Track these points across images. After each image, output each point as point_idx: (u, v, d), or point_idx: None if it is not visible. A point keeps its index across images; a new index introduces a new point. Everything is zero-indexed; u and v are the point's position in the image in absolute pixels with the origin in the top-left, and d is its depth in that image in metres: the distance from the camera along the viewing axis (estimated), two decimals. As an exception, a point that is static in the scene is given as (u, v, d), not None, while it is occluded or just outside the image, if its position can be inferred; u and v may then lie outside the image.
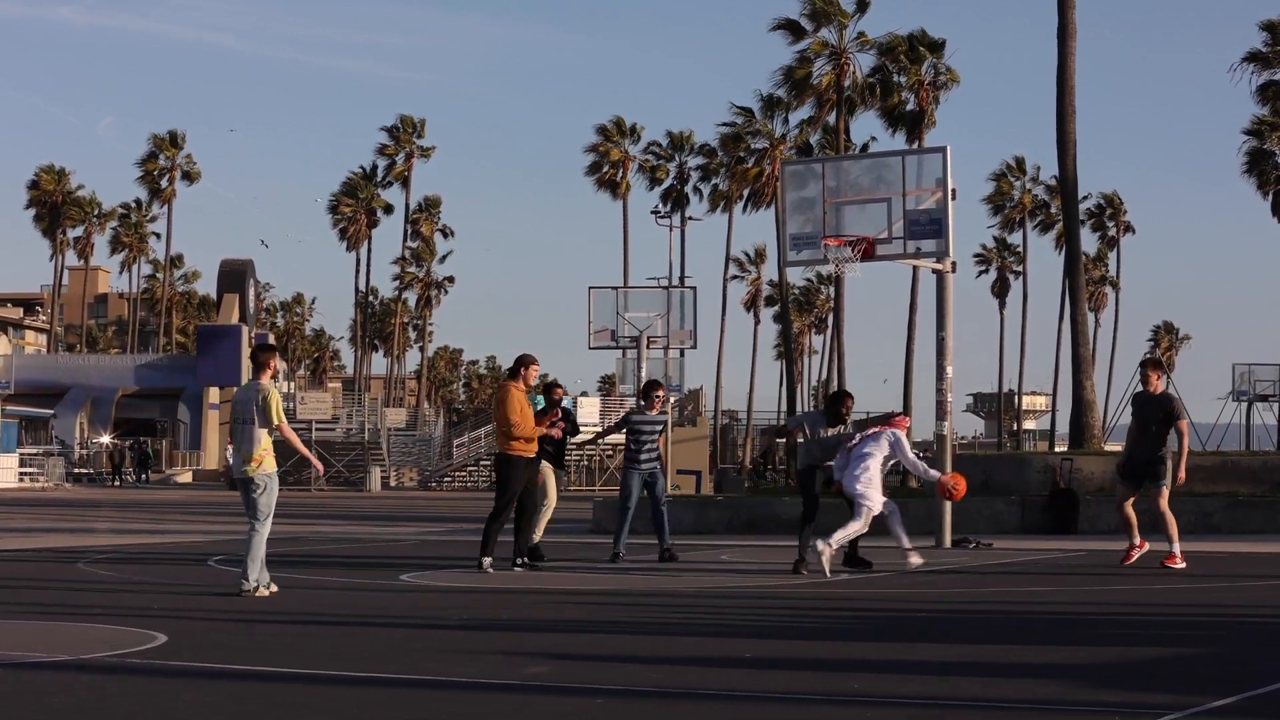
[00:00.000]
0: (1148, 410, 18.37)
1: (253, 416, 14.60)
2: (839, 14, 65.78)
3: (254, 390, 14.77)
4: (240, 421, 14.71)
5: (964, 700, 8.41)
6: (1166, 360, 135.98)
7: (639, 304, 40.40)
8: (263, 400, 14.61)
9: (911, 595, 15.34)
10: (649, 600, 14.73)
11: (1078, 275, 39.13)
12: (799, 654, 10.64)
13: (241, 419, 14.70)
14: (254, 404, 14.63)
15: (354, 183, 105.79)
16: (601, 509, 28.80)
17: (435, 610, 13.63)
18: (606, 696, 8.68)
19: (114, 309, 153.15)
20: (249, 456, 14.61)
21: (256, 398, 14.65)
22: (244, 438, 14.67)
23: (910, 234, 22.91)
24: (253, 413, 14.61)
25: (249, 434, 14.62)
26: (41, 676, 9.42)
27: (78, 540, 25.30)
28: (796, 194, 24.33)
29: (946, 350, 23.34)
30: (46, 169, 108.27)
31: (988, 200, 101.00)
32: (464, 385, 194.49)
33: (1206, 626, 12.54)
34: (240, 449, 14.71)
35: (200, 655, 10.31)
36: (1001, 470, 29.72)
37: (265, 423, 14.61)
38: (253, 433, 14.61)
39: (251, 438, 14.61)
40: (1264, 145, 75.39)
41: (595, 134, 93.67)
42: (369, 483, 67.93)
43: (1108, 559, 19.58)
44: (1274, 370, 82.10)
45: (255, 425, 14.60)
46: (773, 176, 72.71)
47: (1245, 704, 8.28)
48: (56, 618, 13.02)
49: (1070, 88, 37.27)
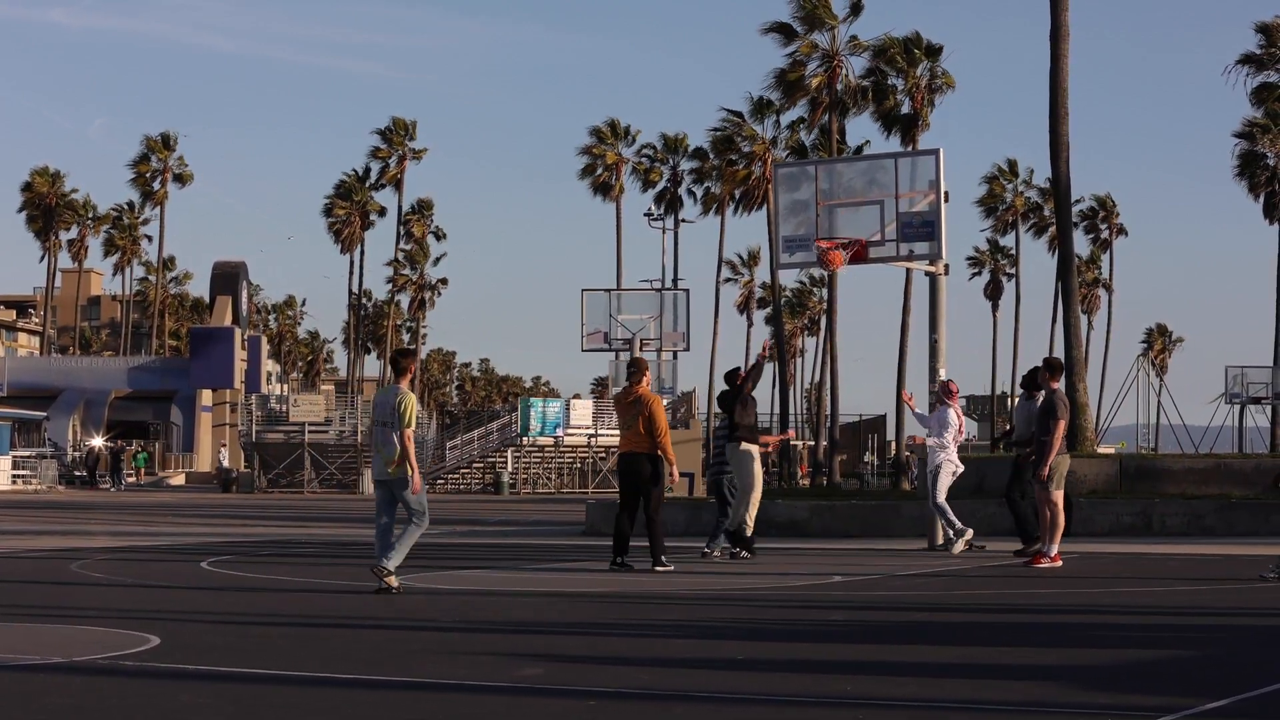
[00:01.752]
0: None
1: (393, 420, 15.02)
2: (830, 17, 65.83)
3: (393, 394, 15.19)
4: (381, 424, 15.18)
5: (957, 702, 8.40)
6: (1160, 363, 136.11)
7: (632, 306, 40.43)
8: (401, 404, 15.01)
9: (904, 598, 15.34)
10: (642, 602, 14.72)
11: (1070, 278, 39.14)
12: (791, 656, 10.64)
13: (382, 422, 15.16)
14: (393, 407, 15.07)
15: (348, 185, 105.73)
16: (595, 511, 28.80)
17: (428, 612, 13.62)
18: (598, 698, 8.68)
19: (107, 311, 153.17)
20: (389, 459, 15.05)
21: (395, 401, 15.07)
22: (384, 440, 15.12)
23: (903, 236, 22.92)
24: (393, 416, 15.03)
25: (388, 437, 15.08)
26: (35, 679, 9.41)
27: (71, 542, 25.26)
28: (789, 196, 24.33)
29: (939, 352, 23.35)
30: (40, 171, 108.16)
31: (980, 203, 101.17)
32: (457, 387, 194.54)
33: (1200, 629, 12.55)
34: (381, 451, 15.17)
35: (194, 657, 10.30)
36: (995, 473, 29.67)
37: (399, 425, 15.00)
38: (393, 435, 15.05)
39: (392, 440, 15.05)
40: (1256, 147, 75.52)
41: (589, 136, 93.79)
42: (362, 485, 67.90)
43: (1101, 561, 19.61)
44: (1266, 373, 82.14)
45: (394, 428, 15.03)
46: (765, 179, 72.71)
47: (1239, 706, 8.28)
48: (50, 620, 13.01)
49: (1063, 90, 37.27)
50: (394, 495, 15.18)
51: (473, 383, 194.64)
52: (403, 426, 14.96)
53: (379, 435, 15.21)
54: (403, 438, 15.01)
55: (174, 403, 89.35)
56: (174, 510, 43.51)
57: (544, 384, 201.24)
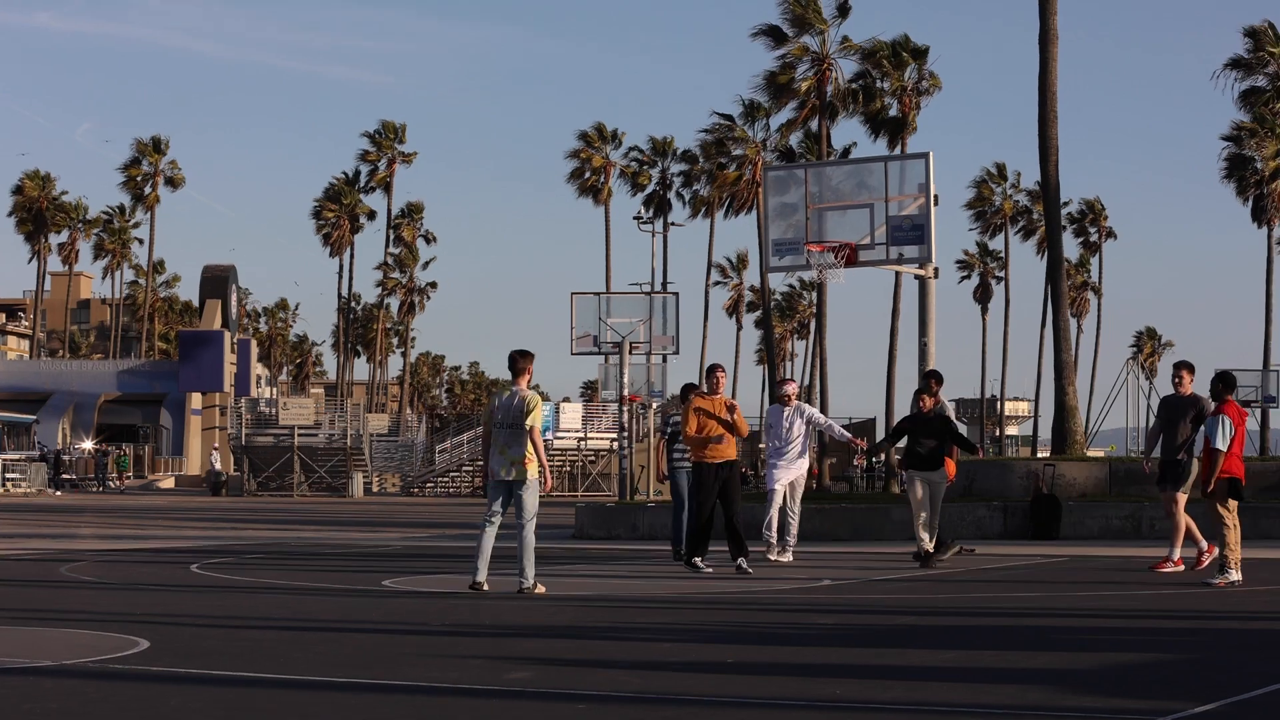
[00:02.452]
0: (1175, 413, 18.35)
1: (520, 420, 15.23)
2: (819, 20, 65.86)
3: (516, 395, 15.35)
4: (506, 426, 15.32)
5: (945, 706, 8.42)
6: (1149, 366, 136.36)
7: (621, 310, 40.46)
8: (527, 404, 15.22)
9: (894, 601, 15.35)
10: (631, 605, 14.73)
11: (1060, 281, 39.22)
12: (781, 659, 10.65)
13: (508, 424, 15.32)
14: (518, 408, 15.26)
15: (337, 188, 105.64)
16: (585, 514, 28.80)
17: (418, 615, 13.63)
18: (588, 702, 8.68)
19: (96, 315, 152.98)
20: (516, 459, 15.26)
21: (519, 402, 15.27)
22: (509, 441, 15.30)
23: (893, 240, 22.97)
24: (519, 416, 15.23)
25: (515, 438, 15.27)
26: (24, 682, 9.40)
27: (60, 545, 25.23)
28: (779, 199, 24.36)
29: (929, 356, 23.38)
30: (31, 174, 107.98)
31: (969, 206, 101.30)
32: (446, 391, 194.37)
33: (1189, 632, 12.57)
34: (505, 451, 15.31)
35: (183, 661, 10.29)
36: (984, 476, 29.74)
37: (526, 424, 15.21)
38: (520, 436, 15.24)
39: (518, 441, 15.26)
40: (1244, 151, 75.65)
41: (577, 140, 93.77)
42: (351, 488, 67.88)
43: (1090, 564, 19.63)
44: (1256, 376, 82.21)
45: (521, 428, 15.23)
46: (754, 182, 72.75)
47: (1227, 710, 8.30)
48: (39, 623, 12.99)
49: (1052, 93, 37.32)
50: (510, 496, 15.36)
51: (462, 386, 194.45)
52: (532, 425, 15.16)
53: (504, 436, 15.30)
54: (533, 436, 15.20)
55: (163, 406, 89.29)
56: (164, 513, 43.45)
57: (533, 387, 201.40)
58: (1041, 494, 26.50)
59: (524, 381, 15.49)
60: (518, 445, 15.24)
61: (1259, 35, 70.35)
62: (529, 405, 15.24)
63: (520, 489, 15.28)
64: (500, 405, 15.50)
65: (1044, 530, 25.75)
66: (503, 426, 15.35)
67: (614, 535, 27.46)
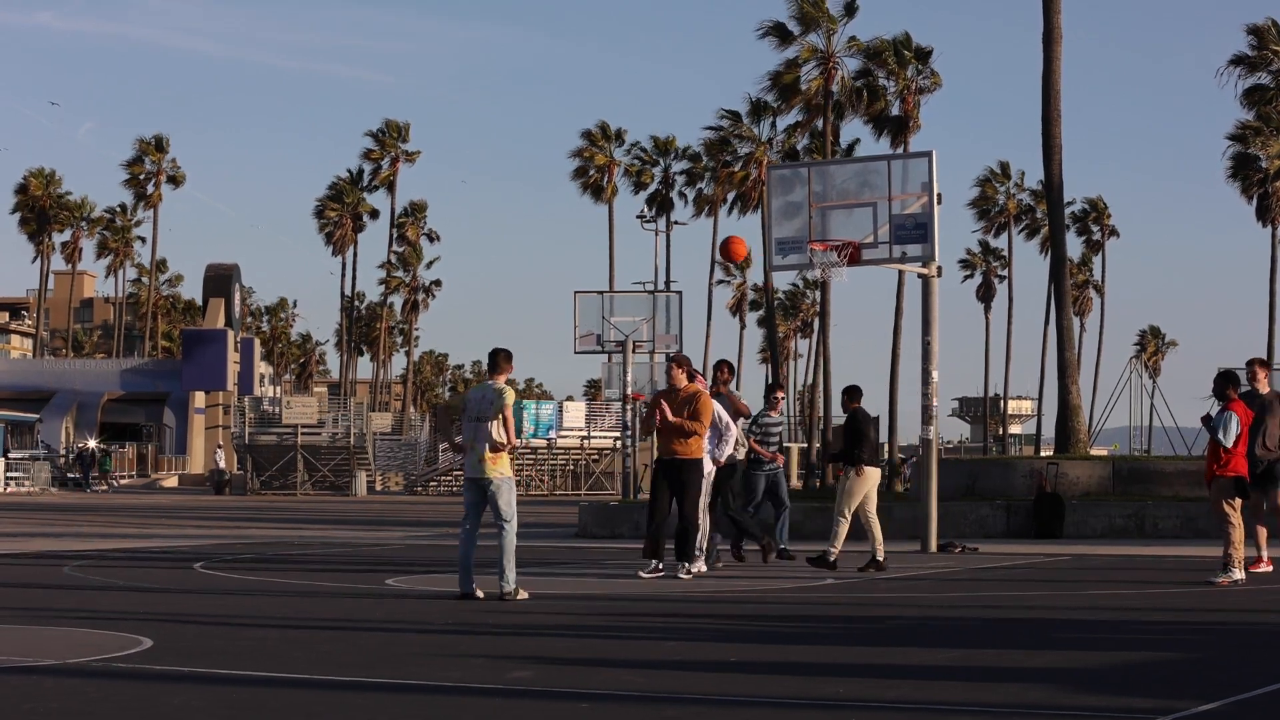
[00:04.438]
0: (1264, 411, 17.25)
1: (486, 415, 14.79)
2: (827, 19, 65.84)
3: (489, 389, 14.94)
4: (476, 420, 14.86)
5: (948, 705, 8.42)
6: (1153, 365, 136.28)
7: (624, 308, 40.43)
8: (501, 396, 14.77)
9: (897, 600, 15.35)
10: (632, 604, 14.73)
11: (1063, 280, 39.18)
12: (783, 658, 10.65)
13: (477, 417, 14.85)
14: (490, 401, 14.82)
15: (340, 187, 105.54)
16: (588, 513, 28.81)
17: (421, 615, 13.63)
18: (591, 701, 8.68)
19: (99, 313, 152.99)
20: (484, 455, 14.77)
21: (489, 395, 14.84)
22: (478, 435, 14.81)
23: (896, 239, 22.94)
24: (489, 409, 14.79)
25: (483, 431, 14.78)
26: (28, 681, 9.40)
27: (64, 544, 25.24)
28: (782, 198, 24.34)
29: (932, 355, 23.37)
30: (36, 172, 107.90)
31: (972, 205, 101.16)
32: (449, 390, 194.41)
33: (1192, 631, 12.57)
34: (475, 447, 14.85)
35: (186, 660, 10.30)
36: (987, 475, 29.75)
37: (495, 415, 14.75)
38: (487, 428, 14.76)
39: (485, 434, 14.77)
40: (1248, 149, 75.57)
41: (580, 139, 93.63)
42: (354, 487, 67.86)
43: (1093, 564, 19.61)
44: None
45: (485, 423, 14.78)
46: (758, 181, 72.73)
47: (1231, 709, 8.30)
48: (42, 622, 13.00)
49: (1056, 92, 37.32)
50: (484, 496, 14.88)
51: (465, 385, 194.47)
52: (501, 410, 14.65)
53: (473, 431, 14.84)
54: (502, 419, 14.67)
55: (166, 405, 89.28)
56: (167, 512, 43.47)
57: (537, 386, 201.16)
58: (1044, 493, 26.51)
59: (501, 378, 15.03)
60: (482, 439, 14.73)
61: (1262, 33, 70.25)
62: (504, 397, 14.73)
63: (491, 488, 14.80)
64: (472, 399, 15.11)
65: (1047, 529, 25.75)
66: (470, 420, 14.90)
67: (617, 534, 27.46)
